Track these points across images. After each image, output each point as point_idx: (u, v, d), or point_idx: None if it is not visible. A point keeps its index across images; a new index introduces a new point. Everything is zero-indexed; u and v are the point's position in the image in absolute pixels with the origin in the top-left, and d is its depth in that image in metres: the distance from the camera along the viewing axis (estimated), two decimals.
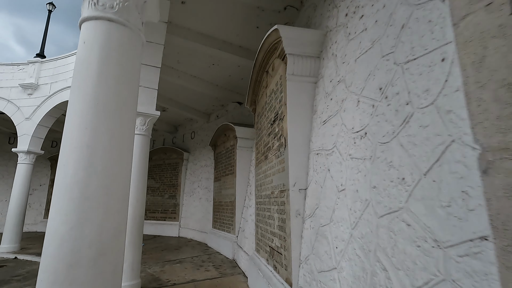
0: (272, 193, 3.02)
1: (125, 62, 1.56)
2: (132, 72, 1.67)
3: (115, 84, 1.48)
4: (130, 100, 1.65)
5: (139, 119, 3.91)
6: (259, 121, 4.00)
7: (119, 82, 1.52)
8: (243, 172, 6.04)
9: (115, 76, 1.48)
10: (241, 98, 7.32)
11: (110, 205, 1.29)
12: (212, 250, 6.50)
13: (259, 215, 3.75)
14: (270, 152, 3.19)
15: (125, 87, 1.57)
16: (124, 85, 1.56)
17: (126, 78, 1.58)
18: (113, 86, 1.47)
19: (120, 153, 1.45)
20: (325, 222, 1.94)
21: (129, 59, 1.61)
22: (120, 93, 1.51)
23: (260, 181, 3.74)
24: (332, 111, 2.15)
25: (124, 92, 1.55)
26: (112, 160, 1.37)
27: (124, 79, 1.56)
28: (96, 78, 1.42)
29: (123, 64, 1.56)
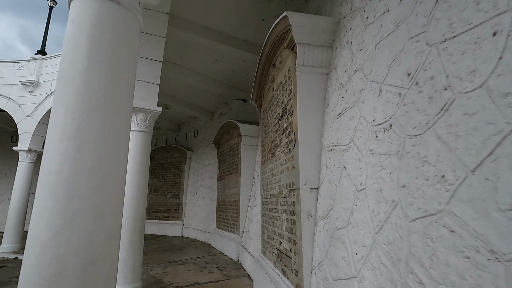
0: (280, 193, 2.84)
1: (119, 45, 1.39)
2: (127, 56, 1.49)
3: (108, 70, 1.31)
4: (126, 88, 1.47)
5: (140, 115, 3.76)
6: (265, 117, 3.83)
7: (113, 67, 1.35)
8: (247, 170, 5.87)
9: (108, 60, 1.31)
10: (245, 95, 7.15)
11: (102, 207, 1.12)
12: (216, 250, 6.34)
13: (265, 216, 3.58)
14: (278, 149, 3.01)
15: (119, 73, 1.39)
16: (119, 71, 1.39)
17: (121, 62, 1.40)
18: (106, 71, 1.30)
19: (113, 147, 1.27)
20: (341, 224, 1.75)
21: (125, 41, 1.44)
22: (114, 79, 1.34)
23: (267, 180, 3.56)
24: (347, 103, 1.97)
25: (119, 78, 1.38)
26: (104, 155, 1.20)
27: (119, 64, 1.38)
28: (86, 61, 1.25)
29: (118, 47, 1.38)
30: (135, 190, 3.56)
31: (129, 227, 3.45)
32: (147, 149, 3.80)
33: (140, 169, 3.65)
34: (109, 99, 1.30)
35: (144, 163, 3.71)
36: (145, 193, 3.73)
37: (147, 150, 3.80)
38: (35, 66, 7.16)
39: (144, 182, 3.72)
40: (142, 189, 3.66)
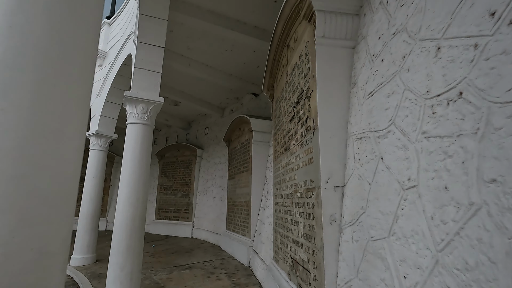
0: (295, 192, 2.42)
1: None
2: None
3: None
4: None
5: (140, 106, 3.42)
6: (278, 108, 3.41)
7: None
8: (259, 169, 5.46)
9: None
10: (257, 89, 6.74)
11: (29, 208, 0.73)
12: (225, 254, 5.97)
13: (278, 218, 3.16)
14: (292, 141, 2.59)
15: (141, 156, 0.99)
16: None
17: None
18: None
19: (63, 101, 0.86)
20: (379, 234, 1.31)
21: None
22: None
23: (279, 177, 3.14)
24: (384, 77, 1.52)
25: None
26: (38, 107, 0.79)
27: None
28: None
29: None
30: (133, 189, 3.23)
31: (126, 229, 3.12)
32: (148, 143, 3.46)
33: (140, 165, 3.31)
34: None
35: (144, 159, 3.37)
36: (146, 192, 3.39)
37: (148, 145, 3.46)
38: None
39: (145, 180, 3.38)
40: (143, 187, 3.32)
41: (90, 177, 5.20)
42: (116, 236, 3.11)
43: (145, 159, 3.38)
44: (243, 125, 6.05)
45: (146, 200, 3.39)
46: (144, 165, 3.35)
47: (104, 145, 5.41)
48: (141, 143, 3.37)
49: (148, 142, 3.46)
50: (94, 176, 5.21)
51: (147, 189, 3.41)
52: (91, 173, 5.20)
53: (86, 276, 4.34)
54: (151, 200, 9.92)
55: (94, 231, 5.13)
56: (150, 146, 3.48)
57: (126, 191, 3.19)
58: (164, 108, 8.54)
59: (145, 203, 3.35)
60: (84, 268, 4.73)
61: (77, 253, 4.98)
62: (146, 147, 3.41)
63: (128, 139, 3.36)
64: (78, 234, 5.06)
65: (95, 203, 5.17)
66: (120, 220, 3.12)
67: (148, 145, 3.44)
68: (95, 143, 5.33)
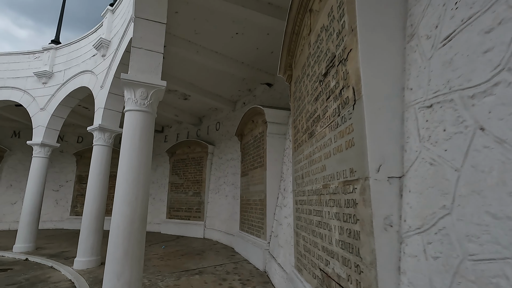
0: (325, 187, 1.90)
1: None
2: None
3: None
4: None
5: (138, 91, 2.99)
6: (298, 89, 2.89)
7: None
8: (274, 164, 4.96)
9: None
10: (271, 78, 6.24)
11: None
12: (239, 256, 5.50)
13: (300, 220, 2.65)
14: (319, 124, 2.07)
15: None
16: None
17: None
18: None
19: None
20: (491, 251, 0.79)
21: None
22: None
23: (301, 171, 2.63)
24: (477, 4, 0.99)
25: None
26: None
27: None
28: None
29: None
30: (132, 185, 2.80)
31: (124, 231, 2.69)
32: (149, 133, 3.02)
33: (139, 159, 2.88)
34: None
35: (145, 151, 2.94)
36: (146, 189, 2.95)
37: (148, 135, 3.02)
38: (49, 56, 6.80)
39: (145, 176, 2.94)
40: (143, 184, 2.88)
41: (94, 174, 4.85)
42: (112, 240, 2.69)
43: (145, 152, 2.94)
44: (257, 117, 5.56)
45: (147, 198, 2.96)
46: (144, 159, 2.92)
47: (109, 140, 5.05)
48: (141, 133, 2.93)
49: (149, 132, 3.02)
50: (98, 173, 4.86)
51: (148, 186, 2.98)
52: (95, 170, 4.85)
53: (88, 281, 3.98)
54: (162, 199, 9.61)
55: (98, 232, 4.79)
56: (151, 137, 3.05)
57: (124, 188, 2.77)
58: (174, 103, 8.18)
59: (146, 202, 2.91)
60: (87, 272, 4.38)
61: (81, 255, 4.64)
62: (146, 138, 2.97)
63: (126, 128, 2.93)
64: (81, 235, 4.73)
65: (99, 202, 4.82)
66: (116, 221, 2.70)
67: (148, 136, 3.01)
68: (99, 137, 4.98)
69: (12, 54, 7.15)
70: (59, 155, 10.58)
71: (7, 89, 6.93)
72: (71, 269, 4.56)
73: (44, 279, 4.27)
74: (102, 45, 5.25)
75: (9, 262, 5.31)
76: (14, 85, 6.93)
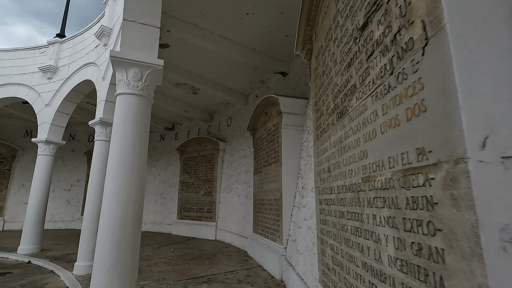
0: (368, 181, 1.37)
1: None
2: None
3: None
4: None
5: (131, 72, 2.54)
6: (320, 63, 2.35)
7: None
8: (291, 159, 4.43)
9: None
10: (285, 67, 5.70)
11: None
12: (252, 262, 5.01)
13: (326, 223, 2.11)
14: (356, 95, 1.53)
15: None
16: None
17: None
18: None
19: None
20: None
21: None
22: None
23: (327, 163, 2.10)
24: None
25: None
26: None
27: None
28: None
29: None
30: (123, 181, 2.35)
31: (113, 237, 2.24)
32: (143, 120, 2.57)
33: (132, 150, 2.43)
34: None
35: (138, 141, 2.49)
36: (141, 186, 2.50)
37: (143, 123, 2.56)
38: (54, 51, 6.55)
39: (140, 170, 2.49)
40: (136, 179, 2.43)
41: (95, 172, 4.49)
42: (99, 248, 2.25)
43: (140, 142, 2.49)
44: (270, 108, 5.04)
45: (142, 197, 2.50)
46: (138, 150, 2.47)
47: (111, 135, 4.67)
48: (134, 120, 2.49)
49: (144, 120, 2.57)
50: (100, 170, 4.49)
51: (143, 183, 2.53)
52: (96, 167, 4.49)
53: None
54: (173, 199, 9.27)
55: None
56: (146, 125, 2.59)
57: (113, 185, 2.33)
58: (183, 98, 7.79)
59: (140, 201, 2.46)
60: (86, 278, 4.00)
61: (81, 259, 4.29)
62: (140, 126, 2.52)
63: (117, 115, 2.50)
64: (82, 237, 4.37)
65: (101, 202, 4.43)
66: (104, 225, 2.27)
67: (143, 123, 2.55)
68: (100, 132, 4.62)
69: (18, 50, 6.97)
70: (71, 154, 10.46)
71: (13, 85, 6.75)
72: (71, 275, 4.21)
73: (41, 285, 3.93)
74: (104, 33, 4.89)
75: (11, 265, 5.05)
76: (20, 82, 6.74)
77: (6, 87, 6.75)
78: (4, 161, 9.59)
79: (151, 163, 10.18)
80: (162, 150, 10.21)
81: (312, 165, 3.74)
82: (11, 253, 5.73)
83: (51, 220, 9.62)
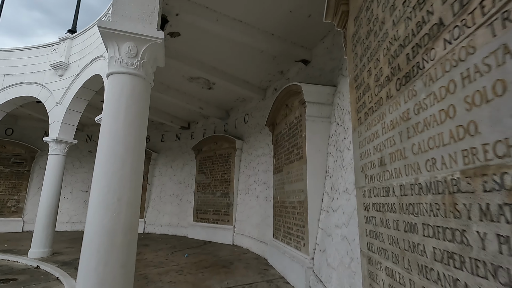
0: (476, 176, 0.78)
1: None
2: None
3: None
4: None
5: (124, 47, 2.08)
6: (365, 21, 1.77)
7: None
8: (316, 155, 3.84)
9: None
10: (307, 54, 5.12)
11: None
12: (273, 272, 4.45)
13: (379, 238, 1.52)
14: (445, 34, 0.95)
15: None
16: None
17: None
18: None
19: None
20: None
21: None
22: None
23: (378, 153, 1.52)
24: None
25: None
26: None
27: None
28: None
29: None
30: (113, 180, 1.89)
31: (99, 250, 1.78)
32: (140, 106, 2.10)
33: (125, 142, 1.97)
34: None
35: (133, 130, 2.02)
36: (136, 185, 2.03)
37: (140, 108, 2.09)
38: (65, 47, 6.34)
39: (135, 166, 2.02)
40: (130, 178, 1.96)
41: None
42: (82, 264, 1.80)
43: (135, 133, 2.02)
44: (292, 99, 4.48)
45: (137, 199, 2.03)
46: (132, 143, 2.00)
47: None
48: (127, 104, 2.02)
49: (140, 105, 2.10)
50: None
51: (140, 181, 2.05)
52: None
53: None
54: (189, 200, 8.89)
55: None
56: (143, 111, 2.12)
57: (101, 185, 1.87)
58: (198, 93, 7.38)
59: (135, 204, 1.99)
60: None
61: None
62: (136, 112, 2.05)
63: (108, 99, 2.04)
64: None
65: None
66: (89, 235, 1.81)
67: (139, 110, 2.08)
68: None
69: (32, 48, 6.84)
70: (88, 155, 10.38)
71: (26, 84, 6.61)
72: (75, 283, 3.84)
73: None
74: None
75: (18, 270, 4.80)
76: (33, 80, 6.59)
77: (20, 86, 6.62)
78: (24, 162, 9.63)
79: (166, 163, 9.89)
80: (178, 150, 9.89)
81: (343, 162, 3.14)
82: (23, 256, 5.53)
83: (68, 222, 9.56)
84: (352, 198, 2.57)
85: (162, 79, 6.68)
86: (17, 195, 9.38)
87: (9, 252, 5.90)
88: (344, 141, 3.21)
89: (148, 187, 9.66)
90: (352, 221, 2.46)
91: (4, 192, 9.27)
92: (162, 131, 10.31)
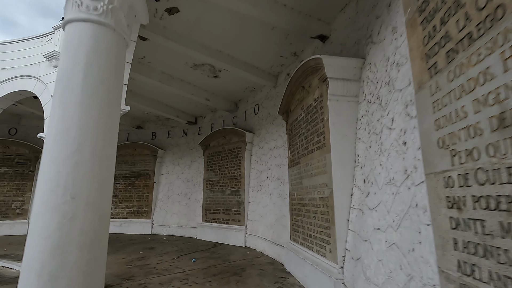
0: None
1: None
2: None
3: None
4: None
5: None
6: None
7: None
8: (342, 142, 3.17)
9: None
10: (325, 28, 4.44)
11: None
12: (292, 280, 3.81)
13: (496, 258, 0.86)
14: None
15: None
16: None
17: None
18: None
19: None
20: None
21: None
22: None
23: (506, 102, 0.86)
24: None
25: None
26: None
27: None
28: None
29: None
30: (65, 169, 1.29)
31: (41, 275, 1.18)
32: (108, 65, 1.50)
33: (84, 114, 1.37)
34: None
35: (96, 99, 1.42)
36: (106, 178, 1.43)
37: (108, 68, 1.50)
38: (59, 36, 5.86)
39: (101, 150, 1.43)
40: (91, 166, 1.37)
41: None
42: None
43: (99, 103, 1.42)
44: (309, 78, 3.82)
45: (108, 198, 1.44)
46: (96, 117, 1.39)
47: None
48: (87, 63, 1.40)
49: (110, 65, 1.49)
50: None
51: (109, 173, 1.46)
52: None
53: None
54: (198, 199, 8.35)
55: None
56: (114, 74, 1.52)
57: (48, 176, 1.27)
58: (203, 83, 6.80)
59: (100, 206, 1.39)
60: None
61: None
62: (102, 75, 1.44)
63: (62, 56, 1.45)
64: None
65: None
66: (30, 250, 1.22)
67: (107, 71, 1.48)
68: None
69: (26, 39, 6.43)
70: None
71: (21, 78, 6.19)
72: None
73: None
74: None
75: (9, 279, 4.34)
76: (28, 73, 6.16)
77: (15, 80, 6.21)
78: (28, 163, 9.33)
79: (174, 161, 9.38)
80: (185, 147, 9.36)
81: (381, 146, 2.47)
82: (18, 262, 5.09)
83: None
84: (403, 191, 1.90)
85: (163, 67, 6.13)
86: (22, 197, 9.07)
87: (6, 257, 5.49)
88: (381, 120, 2.54)
89: (155, 186, 9.18)
90: (405, 223, 1.79)
91: (9, 194, 8.98)
92: (169, 127, 9.81)
